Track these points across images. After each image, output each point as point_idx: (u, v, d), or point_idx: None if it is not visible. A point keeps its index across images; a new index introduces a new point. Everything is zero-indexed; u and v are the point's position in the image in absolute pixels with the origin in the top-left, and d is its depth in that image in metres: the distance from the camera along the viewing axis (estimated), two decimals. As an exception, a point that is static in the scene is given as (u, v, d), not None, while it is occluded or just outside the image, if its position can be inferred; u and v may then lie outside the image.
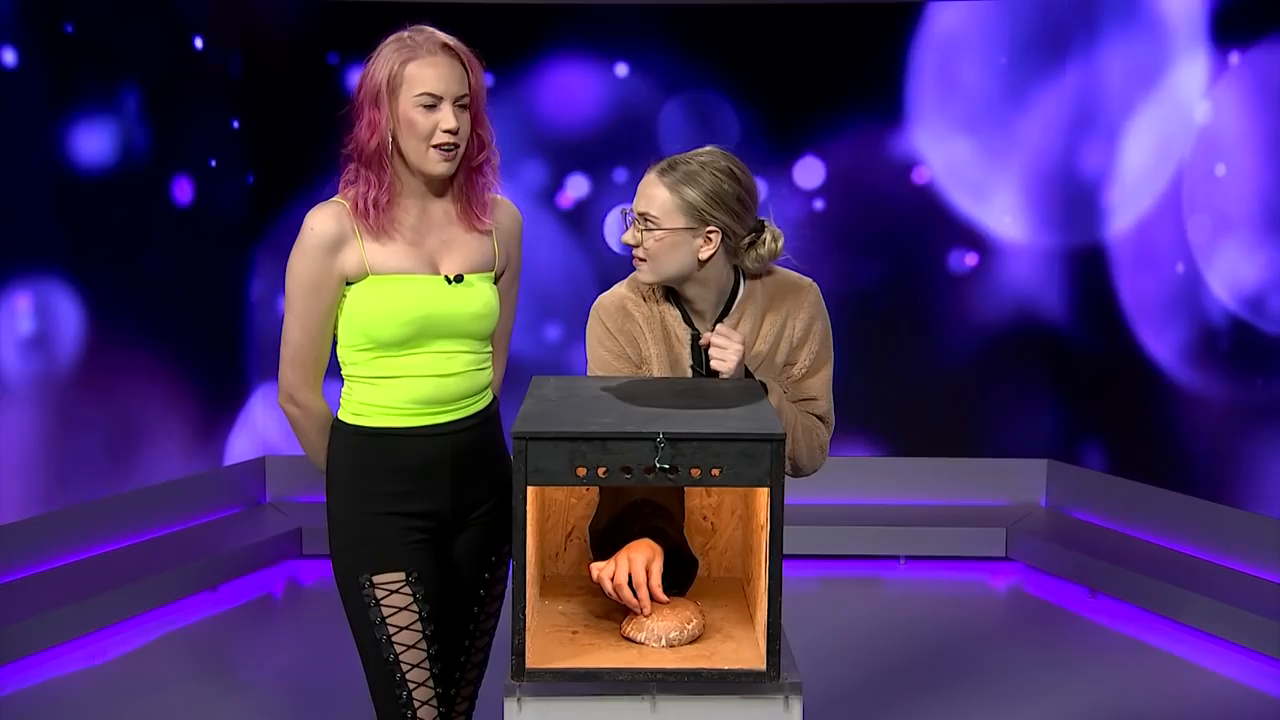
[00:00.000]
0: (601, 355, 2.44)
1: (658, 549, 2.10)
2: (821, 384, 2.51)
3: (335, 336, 2.41)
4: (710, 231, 2.36)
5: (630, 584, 2.06)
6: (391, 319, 2.32)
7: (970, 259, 5.65)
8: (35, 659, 4.28)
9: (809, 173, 5.65)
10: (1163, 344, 5.08)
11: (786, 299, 2.48)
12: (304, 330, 2.36)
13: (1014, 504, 5.69)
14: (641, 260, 2.39)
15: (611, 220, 5.62)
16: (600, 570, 2.08)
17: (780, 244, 2.43)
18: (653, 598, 2.07)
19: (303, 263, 2.33)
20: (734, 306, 2.45)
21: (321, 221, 2.33)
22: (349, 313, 2.36)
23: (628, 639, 2.07)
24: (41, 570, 4.66)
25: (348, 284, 2.35)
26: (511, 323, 2.62)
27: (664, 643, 2.04)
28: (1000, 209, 5.62)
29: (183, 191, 5.26)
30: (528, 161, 5.62)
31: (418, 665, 2.38)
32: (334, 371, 2.44)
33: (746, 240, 2.41)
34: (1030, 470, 5.70)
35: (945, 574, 5.36)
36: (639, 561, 2.07)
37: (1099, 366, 5.43)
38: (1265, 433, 4.64)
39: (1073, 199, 5.50)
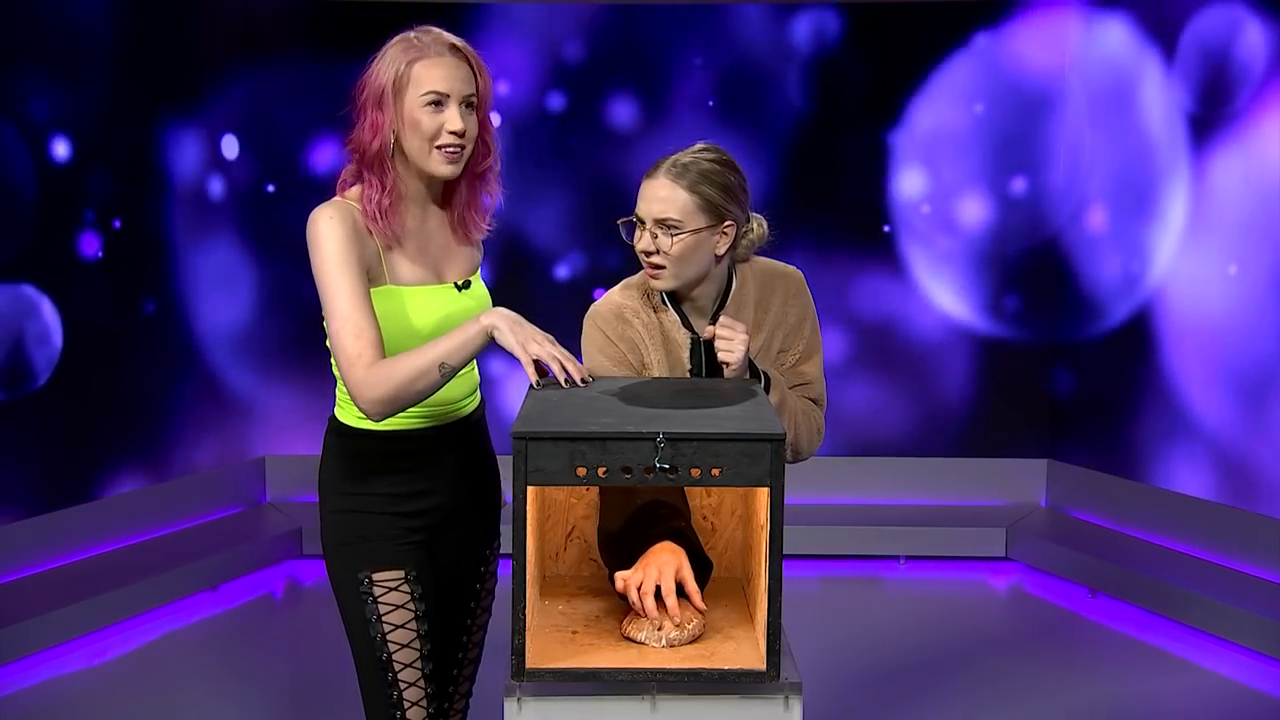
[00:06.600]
0: (601, 363, 2.42)
1: (681, 552, 2.08)
2: (815, 368, 2.52)
3: None
4: (726, 226, 2.36)
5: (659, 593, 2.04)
6: (414, 332, 2.29)
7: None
8: (35, 659, 4.28)
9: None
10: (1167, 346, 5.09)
11: (777, 287, 2.49)
12: (353, 296, 2.19)
13: (1014, 504, 5.68)
14: (661, 267, 2.35)
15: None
16: (627, 580, 2.06)
17: (766, 228, 2.45)
18: (692, 602, 2.07)
19: (331, 239, 2.21)
20: (730, 298, 2.45)
21: (338, 213, 2.25)
22: None
23: (628, 639, 2.07)
24: (41, 570, 4.66)
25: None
26: None
27: (664, 643, 2.04)
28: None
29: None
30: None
31: (410, 665, 2.37)
32: (326, 371, 2.43)
33: (743, 229, 2.42)
34: (1030, 470, 5.69)
35: (945, 574, 5.35)
36: (668, 571, 2.05)
37: (1100, 366, 5.44)
38: (1268, 432, 4.64)
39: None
